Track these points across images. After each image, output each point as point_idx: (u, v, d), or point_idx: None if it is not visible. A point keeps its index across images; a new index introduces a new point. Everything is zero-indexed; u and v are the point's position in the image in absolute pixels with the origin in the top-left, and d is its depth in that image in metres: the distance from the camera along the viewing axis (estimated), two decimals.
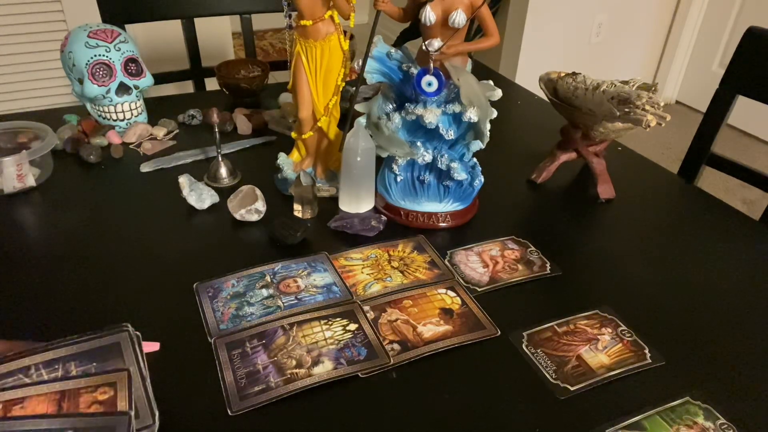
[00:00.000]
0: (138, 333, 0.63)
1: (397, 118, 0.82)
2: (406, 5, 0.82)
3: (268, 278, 0.76)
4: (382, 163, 0.89)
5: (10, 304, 0.71)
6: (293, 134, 0.93)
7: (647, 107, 0.82)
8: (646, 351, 0.68)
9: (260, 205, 0.86)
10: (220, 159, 0.95)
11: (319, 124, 0.88)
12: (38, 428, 0.52)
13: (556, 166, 1.00)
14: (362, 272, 0.78)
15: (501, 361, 0.66)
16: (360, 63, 0.82)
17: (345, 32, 0.84)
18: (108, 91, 1.03)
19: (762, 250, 0.87)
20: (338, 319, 0.70)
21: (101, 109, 1.06)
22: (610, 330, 0.71)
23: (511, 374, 0.65)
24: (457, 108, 0.80)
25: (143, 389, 0.58)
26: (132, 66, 1.06)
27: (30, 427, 0.52)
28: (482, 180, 0.88)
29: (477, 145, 0.84)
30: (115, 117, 1.07)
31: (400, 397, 0.61)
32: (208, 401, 0.60)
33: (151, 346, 0.65)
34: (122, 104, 1.06)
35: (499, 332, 0.69)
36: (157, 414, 0.56)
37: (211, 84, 1.36)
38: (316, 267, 0.78)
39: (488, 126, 0.82)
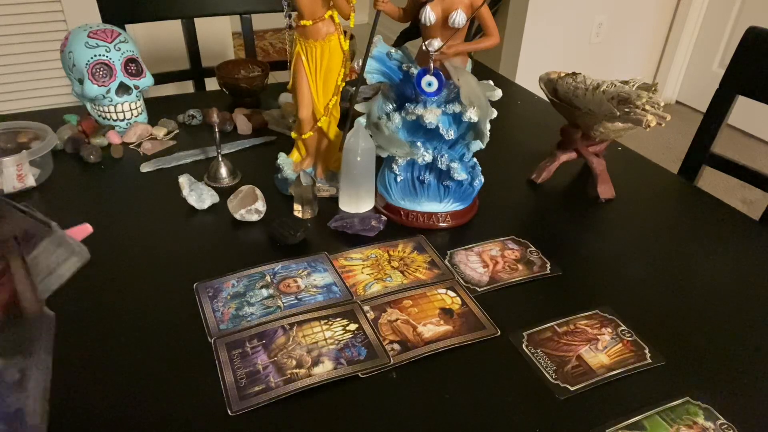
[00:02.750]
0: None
1: (397, 118, 0.82)
2: (406, 5, 0.82)
3: (268, 278, 0.76)
4: (382, 163, 0.89)
5: None
6: (293, 134, 0.93)
7: (647, 107, 0.82)
8: (646, 351, 0.68)
9: (260, 205, 0.86)
10: (220, 159, 0.95)
11: (319, 124, 0.88)
12: None
13: (556, 166, 1.00)
14: (362, 272, 0.78)
15: (501, 361, 0.66)
16: (360, 63, 0.82)
17: (345, 32, 0.84)
18: (108, 91, 1.03)
19: (762, 250, 0.87)
20: (338, 319, 0.70)
21: (101, 109, 1.06)
22: (610, 330, 0.71)
23: (511, 374, 0.65)
24: (457, 108, 0.80)
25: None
26: (132, 66, 1.06)
27: None
28: (482, 180, 0.88)
29: (477, 145, 0.84)
30: (115, 117, 1.07)
31: (400, 397, 0.61)
32: (208, 401, 0.60)
33: (81, 231, 0.56)
34: (122, 104, 1.06)
35: (499, 332, 0.69)
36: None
37: (211, 84, 1.36)
38: (316, 267, 0.78)
39: (488, 126, 0.82)
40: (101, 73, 1.02)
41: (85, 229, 0.56)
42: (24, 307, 0.45)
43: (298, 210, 0.88)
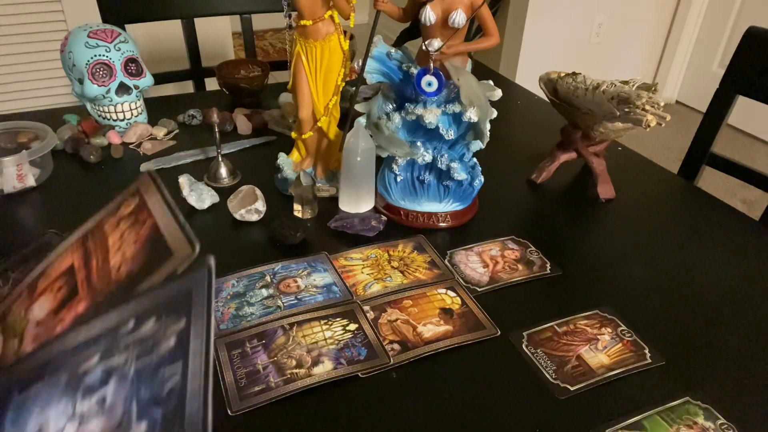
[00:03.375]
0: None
1: (397, 118, 0.82)
2: (406, 5, 0.82)
3: (268, 278, 0.76)
4: (382, 163, 0.89)
5: None
6: (293, 134, 0.93)
7: (647, 107, 0.82)
8: (646, 351, 0.68)
9: (260, 205, 0.86)
10: (220, 159, 0.95)
11: (319, 124, 0.88)
12: (90, 336, 0.37)
13: (556, 166, 1.00)
14: (362, 272, 0.78)
15: (501, 361, 0.66)
16: (360, 63, 0.82)
17: (345, 32, 0.84)
18: (108, 91, 1.03)
19: (762, 250, 0.87)
20: (338, 319, 0.70)
21: (101, 109, 1.06)
22: (610, 330, 0.71)
23: (511, 374, 0.65)
24: (457, 108, 0.80)
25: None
26: (132, 66, 1.06)
27: (84, 336, 0.37)
28: (482, 180, 0.88)
29: (477, 145, 0.84)
30: (115, 117, 1.07)
31: (400, 397, 0.61)
32: None
33: None
34: (122, 104, 1.06)
35: (499, 332, 0.69)
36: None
37: (211, 84, 1.36)
38: (316, 267, 0.78)
39: (488, 126, 0.82)
40: (101, 73, 1.02)
41: None
42: (171, 248, 0.40)
43: (298, 210, 0.88)
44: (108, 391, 0.34)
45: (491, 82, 0.84)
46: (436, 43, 0.78)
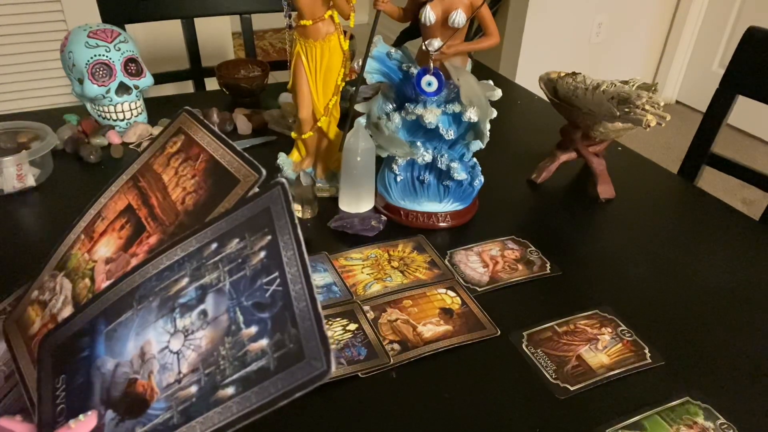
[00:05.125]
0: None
1: (397, 118, 0.82)
2: (406, 5, 0.82)
3: None
4: (382, 163, 0.89)
5: None
6: (293, 134, 0.93)
7: (647, 107, 0.82)
8: (646, 351, 0.68)
9: None
10: None
11: (319, 124, 0.88)
12: (173, 262, 0.39)
13: (556, 166, 1.00)
14: (362, 272, 0.78)
15: (501, 361, 0.66)
16: (360, 63, 0.82)
17: (345, 32, 0.84)
18: (108, 91, 1.03)
19: (762, 250, 0.87)
20: (338, 319, 0.70)
21: (101, 109, 1.06)
22: (610, 330, 0.71)
23: (511, 374, 0.65)
24: (457, 108, 0.80)
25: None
26: (132, 66, 1.06)
27: (166, 263, 0.40)
28: (482, 180, 0.88)
29: (477, 145, 0.84)
30: (115, 117, 1.07)
31: (400, 397, 0.61)
32: None
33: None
34: (122, 104, 1.06)
35: (499, 332, 0.69)
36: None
37: (211, 84, 1.36)
38: (316, 267, 0.78)
39: (488, 126, 0.82)
40: (101, 73, 1.02)
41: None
42: (236, 175, 0.42)
43: (298, 210, 0.88)
44: (208, 306, 0.37)
45: (491, 82, 0.84)
46: (436, 43, 0.78)
